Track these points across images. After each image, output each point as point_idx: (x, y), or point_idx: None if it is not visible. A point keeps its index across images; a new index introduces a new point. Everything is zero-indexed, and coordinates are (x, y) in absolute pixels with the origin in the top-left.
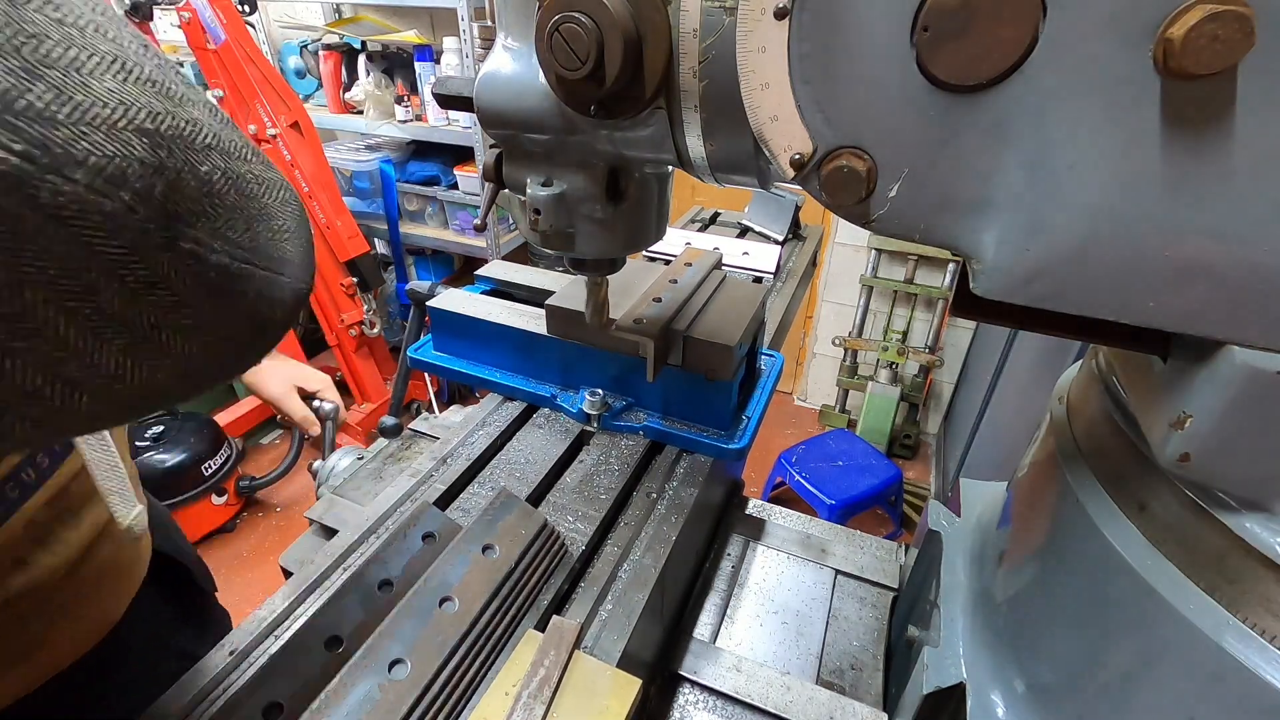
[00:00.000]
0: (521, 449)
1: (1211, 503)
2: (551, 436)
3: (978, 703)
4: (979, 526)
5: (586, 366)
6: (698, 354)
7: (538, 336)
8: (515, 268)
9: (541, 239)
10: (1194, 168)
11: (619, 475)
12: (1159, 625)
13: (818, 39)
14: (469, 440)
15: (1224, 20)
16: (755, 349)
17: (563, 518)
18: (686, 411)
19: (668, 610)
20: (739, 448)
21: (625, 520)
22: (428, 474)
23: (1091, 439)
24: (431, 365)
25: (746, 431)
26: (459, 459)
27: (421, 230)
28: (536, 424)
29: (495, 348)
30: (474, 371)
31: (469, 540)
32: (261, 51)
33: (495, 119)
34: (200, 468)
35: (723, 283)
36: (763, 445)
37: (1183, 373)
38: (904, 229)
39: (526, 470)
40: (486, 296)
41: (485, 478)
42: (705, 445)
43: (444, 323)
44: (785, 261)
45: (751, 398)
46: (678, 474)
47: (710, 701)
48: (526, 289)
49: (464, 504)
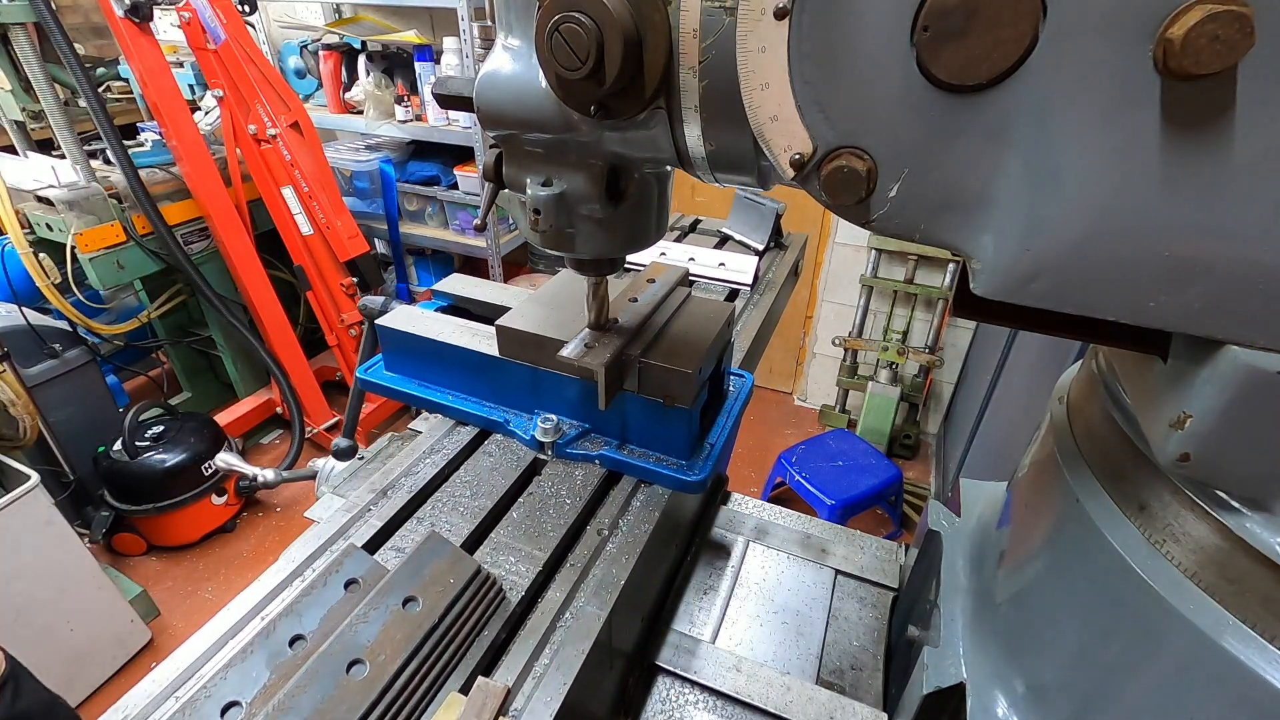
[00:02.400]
0: (469, 479)
1: (1211, 503)
2: (502, 465)
3: (978, 703)
4: (979, 526)
5: (541, 390)
6: (655, 380)
7: (491, 358)
8: (475, 282)
9: (541, 239)
10: (1194, 168)
11: (570, 509)
12: (1159, 625)
13: (818, 39)
14: (414, 470)
15: (1224, 20)
16: (721, 371)
17: (505, 558)
18: (645, 439)
19: (622, 644)
20: (698, 480)
21: (573, 560)
22: (365, 508)
23: (1091, 439)
24: (381, 387)
25: (709, 461)
26: (400, 491)
27: (421, 230)
28: (488, 451)
29: (448, 369)
30: (424, 394)
31: (388, 592)
32: (261, 51)
33: (495, 119)
34: (200, 467)
35: (687, 300)
36: (763, 445)
37: (1183, 373)
38: (904, 229)
39: (472, 504)
40: (441, 314)
41: (426, 513)
42: (663, 476)
43: (394, 342)
44: (764, 272)
45: (717, 422)
46: (633, 507)
47: (710, 701)
48: (484, 305)
49: (401, 542)
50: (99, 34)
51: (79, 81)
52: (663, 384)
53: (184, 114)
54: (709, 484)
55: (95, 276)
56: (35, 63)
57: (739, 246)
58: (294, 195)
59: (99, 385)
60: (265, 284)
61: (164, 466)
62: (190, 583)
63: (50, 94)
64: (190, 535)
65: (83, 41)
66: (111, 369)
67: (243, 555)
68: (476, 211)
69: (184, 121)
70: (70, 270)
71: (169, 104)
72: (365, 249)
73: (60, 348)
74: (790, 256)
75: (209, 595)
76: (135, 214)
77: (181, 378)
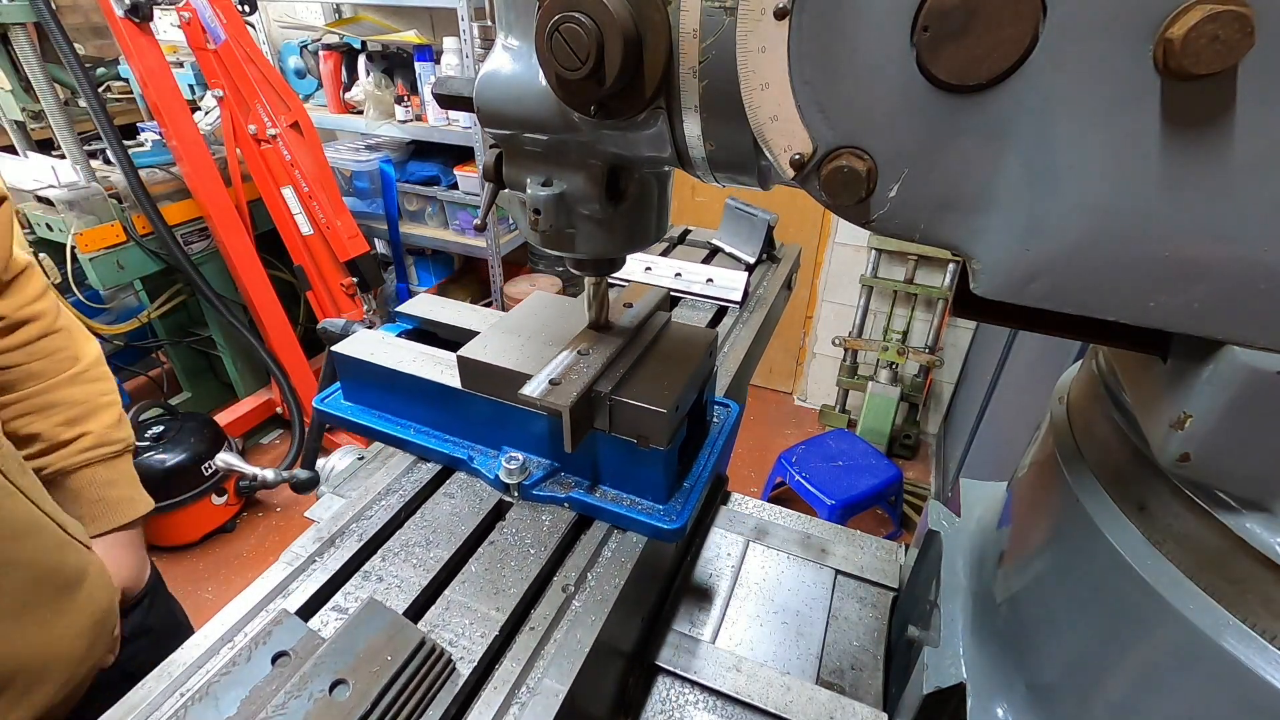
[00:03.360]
0: (425, 526)
1: (1211, 503)
2: (463, 509)
3: (978, 703)
4: (979, 526)
5: (508, 424)
6: (627, 419)
7: (454, 390)
8: (442, 303)
9: (541, 239)
10: (1194, 168)
11: (534, 560)
12: (1159, 625)
13: (818, 39)
14: (366, 514)
15: (1224, 20)
16: (703, 403)
17: (459, 619)
18: (618, 479)
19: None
20: (674, 528)
21: (533, 623)
22: (308, 560)
23: (1091, 439)
24: (338, 418)
25: (687, 505)
26: (349, 540)
27: (421, 230)
28: (449, 492)
29: (409, 400)
30: (383, 428)
31: (313, 676)
32: (261, 51)
33: (495, 119)
34: (200, 467)
35: (666, 327)
36: (763, 445)
37: (1183, 373)
38: (904, 229)
39: (426, 555)
40: (403, 339)
41: (376, 566)
42: (637, 523)
43: (351, 370)
44: (755, 287)
45: (698, 459)
46: (604, 558)
47: (710, 701)
48: (451, 329)
49: (345, 600)
50: (99, 34)
51: (79, 81)
52: (635, 423)
53: (184, 114)
54: (687, 531)
55: (95, 276)
56: (35, 63)
57: (729, 259)
58: (294, 195)
59: None
60: (265, 284)
61: (164, 466)
62: (190, 583)
63: (50, 94)
64: (190, 535)
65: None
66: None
67: (243, 555)
68: (476, 211)
69: (184, 121)
70: (70, 270)
71: (169, 104)
72: (365, 249)
73: None
74: (783, 270)
75: (209, 595)
76: (135, 214)
77: (181, 378)
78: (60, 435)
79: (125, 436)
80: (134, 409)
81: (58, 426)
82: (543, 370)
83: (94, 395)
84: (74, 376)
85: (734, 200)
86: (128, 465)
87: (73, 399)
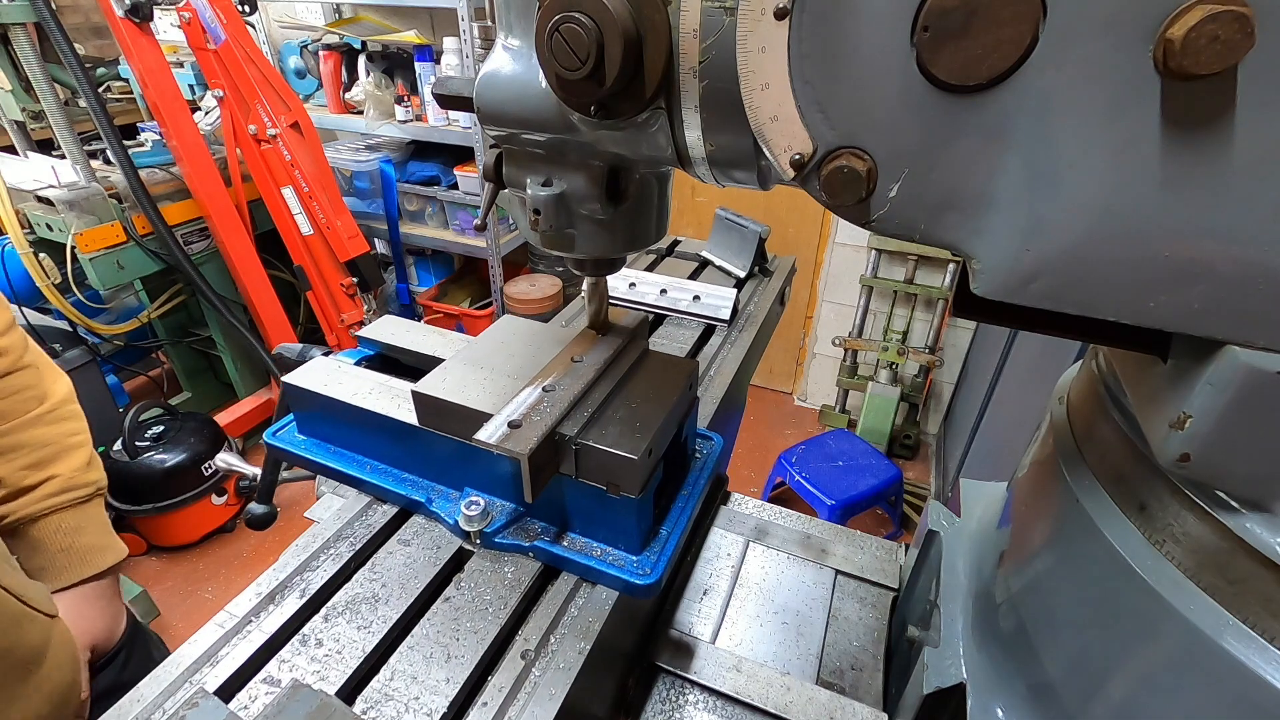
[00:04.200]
0: (376, 578)
1: (1211, 503)
2: (419, 558)
3: (978, 703)
4: (979, 526)
5: (470, 464)
6: (594, 465)
7: (411, 427)
8: (406, 327)
9: (541, 239)
10: (1194, 168)
11: (492, 619)
12: (1159, 626)
13: (818, 39)
14: (312, 565)
15: (1224, 20)
16: (683, 439)
17: (405, 693)
18: (587, 526)
19: None
20: (647, 583)
21: (486, 698)
22: (243, 621)
23: (1091, 439)
24: (290, 454)
25: (663, 556)
26: (291, 596)
27: (421, 230)
28: (405, 539)
29: (366, 436)
30: (338, 465)
31: None
32: (261, 51)
33: (495, 119)
34: (200, 468)
35: (643, 358)
36: (763, 445)
37: (1183, 373)
38: (904, 229)
39: (374, 613)
40: (363, 367)
41: (316, 629)
42: (607, 576)
43: (303, 403)
44: (745, 304)
45: (676, 502)
46: (569, 616)
47: (710, 701)
48: (415, 355)
49: (279, 670)
50: (99, 34)
51: (79, 81)
52: (604, 470)
53: (184, 114)
54: (661, 586)
55: (95, 276)
56: (35, 63)
57: (719, 273)
58: (294, 195)
59: (99, 385)
60: (265, 284)
61: (164, 466)
62: (190, 583)
63: (50, 94)
64: (190, 535)
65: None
66: (111, 369)
67: (243, 555)
68: (476, 211)
69: (184, 121)
70: (70, 270)
71: (169, 104)
72: (365, 249)
73: (60, 348)
74: (775, 284)
75: (209, 595)
76: (135, 214)
77: (181, 378)
78: (24, 480)
79: (95, 480)
80: (134, 409)
81: (21, 470)
82: (503, 410)
83: (62, 436)
84: (40, 416)
85: (724, 211)
86: (98, 510)
87: (38, 440)
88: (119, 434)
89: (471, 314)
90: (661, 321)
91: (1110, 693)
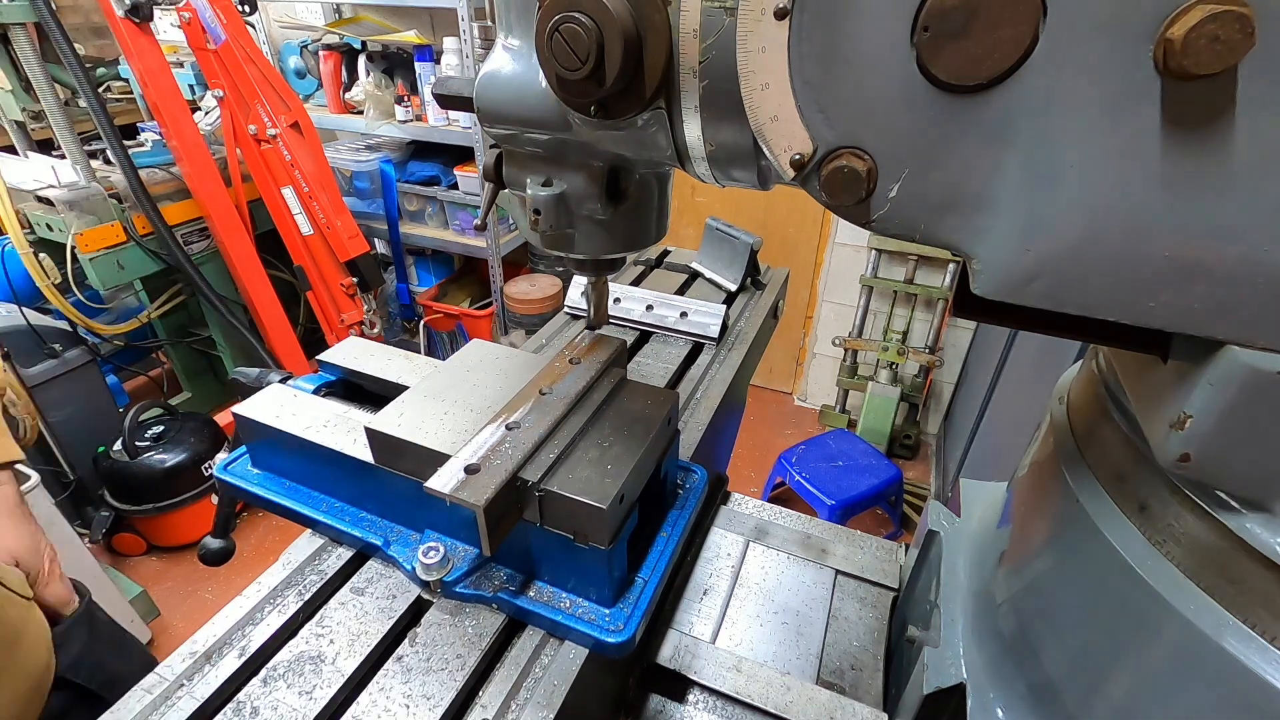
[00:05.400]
0: (323, 635)
1: (1211, 503)
2: (372, 610)
3: (978, 703)
4: (979, 526)
5: (430, 504)
6: (559, 513)
7: (368, 464)
8: (370, 350)
9: (542, 239)
10: (1194, 168)
11: (449, 681)
12: (1159, 625)
13: (818, 39)
14: (254, 618)
15: (1224, 20)
16: (663, 475)
17: None
18: (556, 575)
19: None
20: (619, 641)
21: None
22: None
23: (1091, 439)
24: (242, 490)
25: (637, 610)
26: (229, 656)
27: (421, 230)
28: (358, 587)
29: (320, 472)
30: (291, 503)
31: None
32: (261, 51)
33: (495, 119)
34: (200, 468)
35: (620, 389)
36: (763, 445)
37: (1183, 373)
38: (904, 229)
39: (317, 679)
40: (320, 396)
41: (253, 694)
42: (575, 632)
43: (255, 434)
44: (736, 320)
45: (655, 545)
46: (533, 677)
47: (710, 702)
48: (378, 381)
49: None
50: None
51: (79, 81)
52: (570, 518)
53: (184, 114)
54: (636, 644)
55: (95, 276)
56: (35, 63)
57: (709, 285)
58: (294, 195)
59: (99, 385)
60: (265, 284)
61: (164, 466)
62: (190, 583)
63: (50, 94)
64: (190, 535)
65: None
66: (111, 369)
67: (242, 556)
68: (476, 211)
69: (184, 121)
70: (70, 270)
71: (169, 104)
72: (365, 249)
73: (60, 348)
74: (767, 299)
75: (209, 595)
76: (135, 214)
77: (181, 378)
78: None
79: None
80: (134, 409)
81: None
82: (461, 451)
83: None
84: None
85: (715, 221)
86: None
87: None
88: (119, 434)
89: (471, 314)
90: (648, 339)
91: (1110, 693)
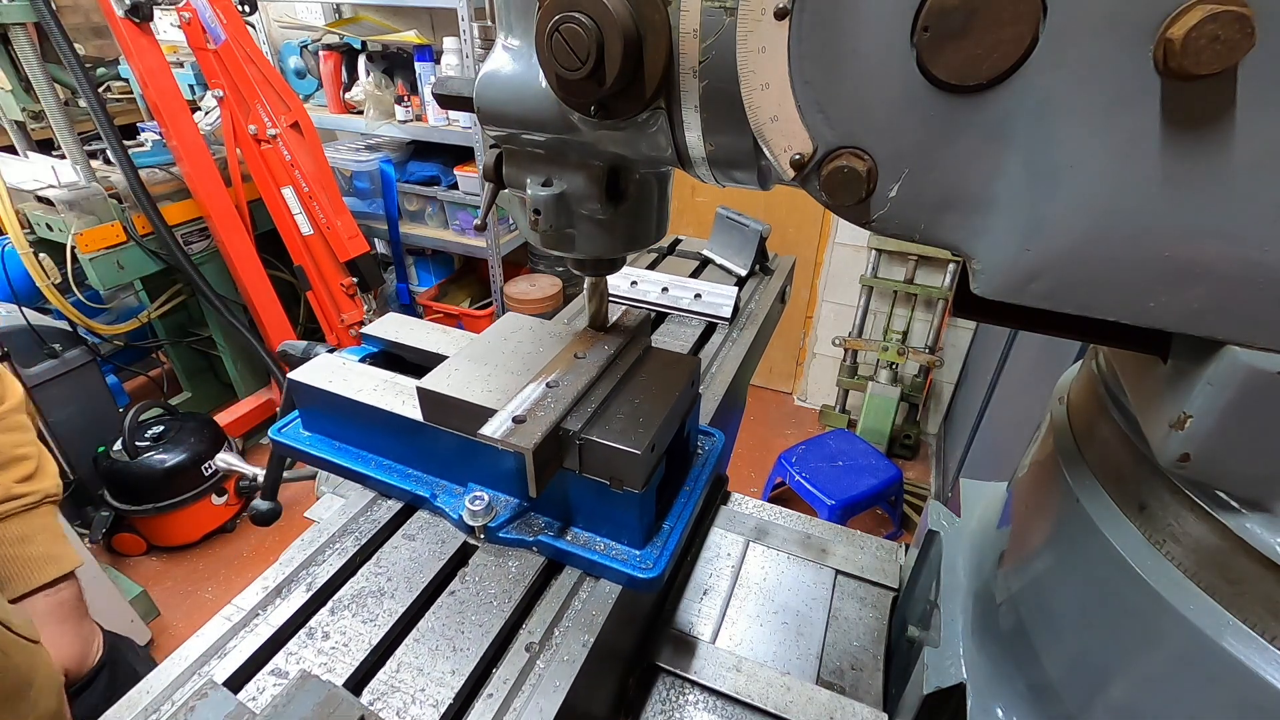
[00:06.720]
0: (381, 572)
1: (1211, 503)
2: (424, 553)
3: (978, 703)
4: (979, 526)
5: (474, 459)
6: (598, 459)
7: (416, 423)
8: (410, 325)
9: (541, 239)
10: (1194, 168)
11: (497, 612)
12: (1159, 625)
13: (818, 39)
14: (317, 559)
15: (1224, 20)
16: (685, 435)
17: (410, 684)
18: (591, 521)
19: None
20: (650, 576)
21: (491, 689)
22: (250, 614)
23: (1091, 439)
24: (295, 450)
25: (665, 550)
26: (297, 590)
27: (421, 230)
28: (409, 534)
29: (370, 432)
30: (342, 461)
31: None
32: (261, 51)
33: (495, 119)
34: (200, 468)
35: (646, 355)
36: (763, 445)
37: (1183, 373)
38: (904, 229)
39: (380, 607)
40: (367, 364)
41: (322, 622)
42: (610, 570)
43: (308, 399)
44: (746, 302)
45: (679, 497)
46: (573, 609)
47: (710, 701)
48: (418, 352)
49: (286, 663)
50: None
51: (79, 81)
52: (607, 465)
53: (184, 114)
54: (664, 580)
55: (95, 276)
56: (35, 63)
57: (720, 271)
58: (294, 195)
59: (99, 385)
60: (265, 284)
61: (164, 466)
62: (190, 583)
63: (50, 94)
64: (190, 535)
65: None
66: (111, 369)
67: (243, 555)
68: (476, 211)
69: (184, 121)
70: (70, 270)
71: (169, 104)
72: (365, 249)
73: (60, 348)
74: (776, 283)
75: (209, 595)
76: (135, 214)
77: (181, 378)
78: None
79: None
80: (134, 409)
81: None
82: (507, 405)
83: (5, 447)
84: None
85: (725, 210)
86: (48, 519)
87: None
88: (119, 434)
89: (471, 314)
90: (663, 319)
91: (1110, 693)
